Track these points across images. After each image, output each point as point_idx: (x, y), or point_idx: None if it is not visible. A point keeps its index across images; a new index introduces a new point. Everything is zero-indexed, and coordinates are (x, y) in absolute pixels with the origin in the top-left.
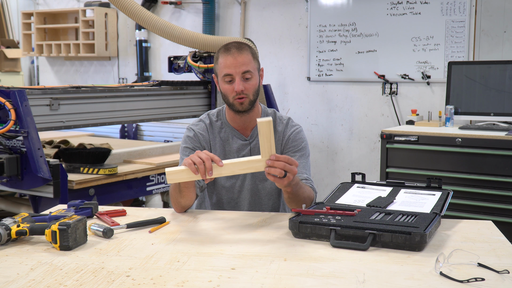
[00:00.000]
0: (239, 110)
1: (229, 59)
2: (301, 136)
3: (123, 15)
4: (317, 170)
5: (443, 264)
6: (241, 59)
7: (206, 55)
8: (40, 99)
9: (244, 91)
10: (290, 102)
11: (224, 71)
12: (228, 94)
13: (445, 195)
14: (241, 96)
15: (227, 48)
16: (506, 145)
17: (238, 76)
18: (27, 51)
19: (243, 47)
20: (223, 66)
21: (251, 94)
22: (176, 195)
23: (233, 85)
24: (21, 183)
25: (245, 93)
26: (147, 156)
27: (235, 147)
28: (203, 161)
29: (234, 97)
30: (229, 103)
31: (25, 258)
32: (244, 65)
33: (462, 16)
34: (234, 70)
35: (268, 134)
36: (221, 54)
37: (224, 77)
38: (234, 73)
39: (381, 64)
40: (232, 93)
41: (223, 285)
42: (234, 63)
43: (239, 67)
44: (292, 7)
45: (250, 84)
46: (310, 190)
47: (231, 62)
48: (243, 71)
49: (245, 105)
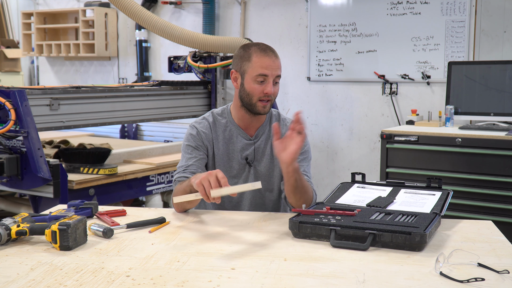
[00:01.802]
0: (259, 112)
1: (267, 60)
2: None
3: (123, 15)
4: (317, 170)
5: (443, 264)
6: (278, 63)
7: (206, 55)
8: (40, 99)
9: (272, 94)
10: (290, 102)
11: (259, 70)
12: (256, 94)
13: (445, 195)
14: (268, 98)
15: (262, 49)
16: (506, 145)
17: (272, 79)
18: (27, 51)
19: (276, 53)
20: (259, 66)
21: (274, 98)
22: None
23: (263, 86)
24: (21, 183)
25: (272, 97)
26: (147, 156)
27: (239, 146)
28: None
29: (261, 98)
30: (251, 103)
31: (25, 258)
32: (279, 69)
33: (462, 16)
34: (271, 72)
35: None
36: (255, 53)
37: (258, 76)
38: (270, 75)
39: (381, 64)
40: (260, 94)
41: (223, 285)
42: (272, 66)
43: (276, 70)
44: (292, 7)
45: (276, 89)
46: (310, 186)
47: (269, 63)
48: (277, 75)
49: (267, 109)
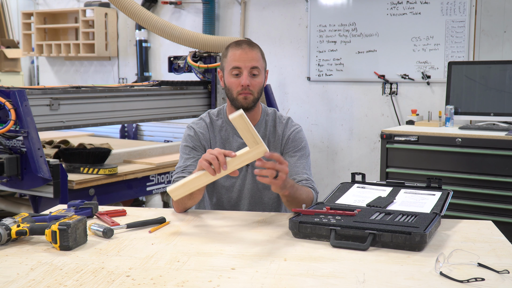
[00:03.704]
0: (243, 105)
1: (239, 52)
2: (300, 136)
3: (123, 15)
4: (317, 170)
5: (443, 264)
6: (252, 55)
7: (206, 55)
8: (40, 99)
9: (250, 86)
10: (290, 102)
11: (232, 63)
12: (233, 88)
13: (445, 195)
14: (246, 91)
15: (238, 43)
16: (506, 145)
17: (246, 70)
18: (27, 51)
19: (254, 45)
20: (232, 59)
21: (256, 91)
22: (184, 197)
23: (239, 79)
24: (21, 183)
25: (251, 89)
26: (147, 156)
27: (236, 146)
28: (216, 157)
29: (239, 91)
30: (233, 98)
31: (25, 258)
32: (254, 61)
33: (462, 16)
34: (243, 63)
35: (246, 126)
36: (231, 48)
37: (232, 70)
38: (243, 66)
39: (381, 64)
40: (237, 87)
41: (223, 285)
42: (244, 57)
43: (249, 61)
44: (292, 7)
45: (256, 81)
46: (309, 191)
47: (241, 55)
48: (251, 66)
49: (248, 101)
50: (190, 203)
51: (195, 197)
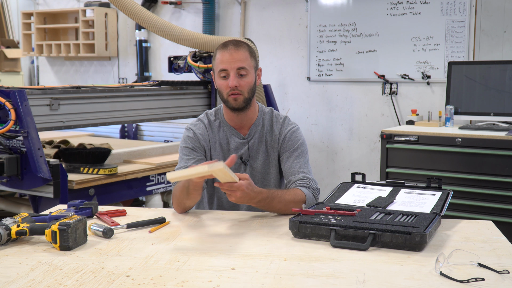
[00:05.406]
0: (233, 106)
1: (225, 55)
2: (297, 135)
3: (123, 15)
4: (317, 170)
5: (443, 264)
6: (237, 56)
7: (206, 55)
8: (40, 99)
9: (238, 87)
10: (290, 102)
11: (219, 66)
12: (223, 89)
13: (445, 195)
14: (235, 92)
15: (225, 44)
16: (506, 145)
17: (233, 72)
18: (27, 51)
19: (241, 45)
20: (219, 62)
21: (245, 91)
22: (183, 197)
23: (227, 81)
24: (21, 183)
25: (240, 90)
26: (147, 156)
27: (233, 146)
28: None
29: (228, 93)
30: (224, 100)
31: (25, 258)
32: (240, 61)
33: (462, 16)
34: (229, 65)
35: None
36: (218, 50)
37: (220, 72)
38: (229, 68)
39: (381, 64)
40: (226, 89)
41: (223, 285)
42: (230, 59)
43: (235, 63)
44: (292, 7)
45: (244, 81)
46: (295, 193)
47: (227, 58)
48: (238, 67)
49: (239, 102)
50: (189, 203)
51: (193, 197)
